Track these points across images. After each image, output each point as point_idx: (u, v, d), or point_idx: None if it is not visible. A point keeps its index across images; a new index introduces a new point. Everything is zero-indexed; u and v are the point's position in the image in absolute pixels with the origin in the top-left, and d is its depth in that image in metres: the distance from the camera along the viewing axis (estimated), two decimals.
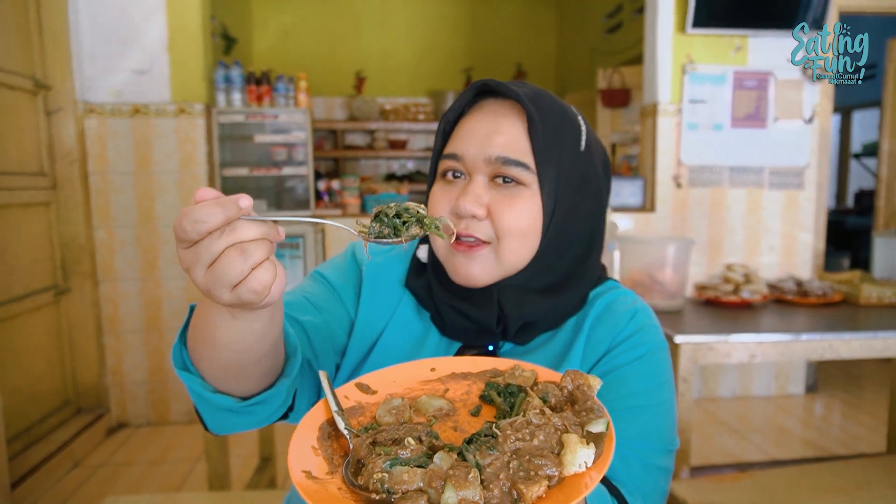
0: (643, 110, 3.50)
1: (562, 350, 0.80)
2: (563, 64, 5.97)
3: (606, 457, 0.47)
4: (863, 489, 1.60)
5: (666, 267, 2.17)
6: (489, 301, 0.77)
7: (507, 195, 0.75)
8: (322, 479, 0.49)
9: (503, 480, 0.45)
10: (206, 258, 0.49)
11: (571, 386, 0.57)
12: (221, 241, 0.49)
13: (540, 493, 0.45)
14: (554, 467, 0.46)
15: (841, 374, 3.94)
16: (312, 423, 0.58)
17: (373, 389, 0.64)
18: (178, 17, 2.99)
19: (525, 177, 0.75)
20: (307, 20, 5.70)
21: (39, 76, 2.78)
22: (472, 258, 0.76)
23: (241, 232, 0.49)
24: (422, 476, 0.46)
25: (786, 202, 3.44)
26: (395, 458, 0.49)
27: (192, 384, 0.64)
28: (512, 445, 0.49)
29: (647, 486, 0.74)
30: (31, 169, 2.74)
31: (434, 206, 0.79)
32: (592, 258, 0.83)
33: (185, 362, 0.65)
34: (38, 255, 2.75)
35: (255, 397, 0.66)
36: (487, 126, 0.77)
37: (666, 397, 0.78)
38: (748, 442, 2.93)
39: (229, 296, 0.50)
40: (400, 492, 0.45)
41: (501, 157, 0.75)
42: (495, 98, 0.80)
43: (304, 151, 3.34)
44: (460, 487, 0.44)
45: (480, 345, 0.80)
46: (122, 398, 3.14)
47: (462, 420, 0.59)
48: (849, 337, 1.86)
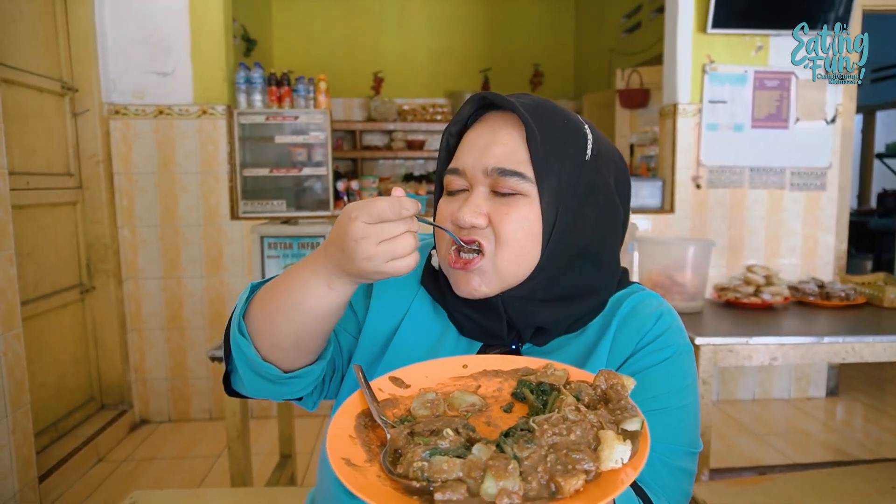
0: (662, 111, 3.49)
1: (586, 350, 0.80)
2: (582, 64, 5.94)
3: (642, 454, 0.48)
4: (887, 494, 1.59)
5: (686, 268, 2.17)
6: (496, 311, 0.78)
7: (506, 204, 0.76)
8: (361, 466, 0.50)
9: (541, 473, 0.46)
10: (386, 234, 0.63)
11: (605, 385, 0.57)
12: (404, 225, 0.64)
13: (578, 486, 0.45)
14: (591, 462, 0.47)
15: (863, 377, 3.89)
16: (349, 413, 0.59)
17: (406, 384, 0.65)
18: (201, 19, 3.04)
19: (523, 186, 0.75)
20: (326, 22, 5.74)
21: (66, 78, 2.83)
22: (470, 273, 0.76)
23: (415, 225, 0.65)
24: (461, 466, 0.47)
25: (807, 203, 3.40)
26: (434, 448, 0.50)
27: (248, 350, 0.75)
28: (549, 440, 0.49)
29: (671, 488, 0.75)
30: (59, 169, 2.80)
31: (440, 220, 0.81)
32: (608, 266, 0.82)
33: (243, 331, 0.76)
34: (64, 254, 2.81)
35: (296, 371, 0.77)
36: (486, 138, 0.78)
37: (690, 400, 0.79)
38: (768, 445, 2.90)
39: (384, 266, 0.64)
40: (440, 480, 0.46)
41: (498, 168, 0.75)
42: (496, 111, 0.80)
43: (323, 152, 3.37)
44: (500, 477, 0.44)
45: (502, 344, 0.81)
46: (145, 394, 3.19)
47: (495, 416, 0.60)
48: (872, 340, 1.84)
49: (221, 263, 3.16)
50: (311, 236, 2.09)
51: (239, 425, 1.85)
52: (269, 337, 0.74)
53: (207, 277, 3.16)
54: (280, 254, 2.10)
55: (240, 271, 3.16)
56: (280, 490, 1.63)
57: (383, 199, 0.63)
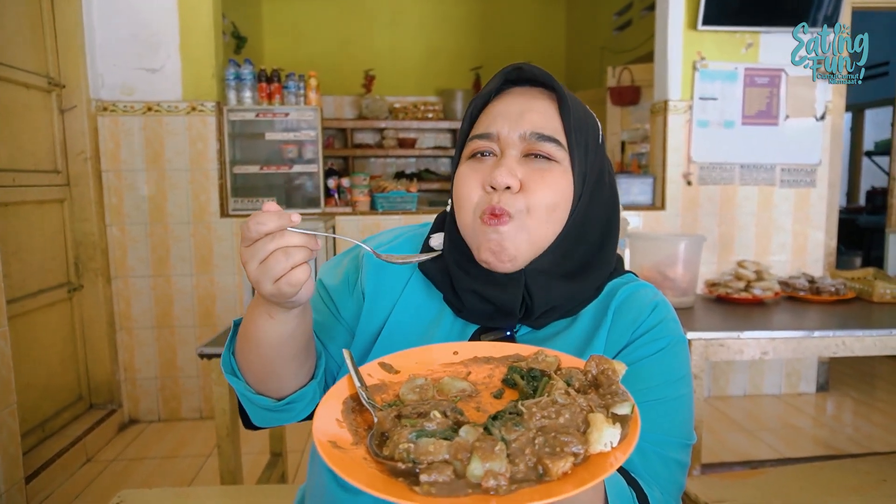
0: (653, 108, 3.49)
1: (584, 338, 0.80)
2: (573, 62, 5.95)
3: (632, 438, 0.48)
4: (877, 487, 1.59)
5: (677, 264, 2.17)
6: (516, 285, 0.77)
7: (540, 169, 0.76)
8: (347, 449, 0.50)
9: (529, 455, 0.46)
10: (259, 255, 0.61)
11: (596, 371, 0.57)
12: (272, 243, 0.60)
13: (566, 468, 0.45)
14: (580, 445, 0.46)
15: (853, 372, 3.91)
16: (336, 397, 0.58)
17: (395, 369, 0.65)
18: (190, 15, 3.01)
19: (558, 153, 0.77)
20: (317, 19, 5.72)
21: (53, 74, 2.80)
22: (502, 233, 0.75)
23: (288, 238, 0.61)
24: (447, 448, 0.46)
25: (797, 200, 3.42)
26: (420, 430, 0.49)
27: (238, 386, 0.79)
28: (537, 423, 0.49)
29: (664, 479, 0.74)
30: (46, 166, 2.76)
31: (463, 185, 0.79)
32: (608, 247, 0.84)
33: (234, 369, 0.79)
34: (52, 252, 2.78)
35: (288, 397, 0.79)
36: (519, 105, 0.79)
37: (684, 392, 0.78)
38: (759, 440, 2.91)
39: (271, 287, 0.62)
40: (426, 462, 0.45)
41: (536, 133, 0.76)
42: (521, 87, 0.82)
43: (314, 149, 3.35)
44: (487, 459, 0.44)
45: (497, 328, 0.80)
46: (134, 394, 3.16)
47: (485, 402, 0.59)
48: (862, 334, 1.85)
49: (211, 261, 3.13)
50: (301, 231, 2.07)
51: (229, 423, 1.83)
52: (250, 372, 0.77)
53: (197, 275, 3.13)
54: None
55: (230, 269, 3.14)
56: (270, 488, 1.62)
57: (253, 215, 0.61)
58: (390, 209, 3.36)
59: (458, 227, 0.81)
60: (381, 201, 3.39)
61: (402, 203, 3.39)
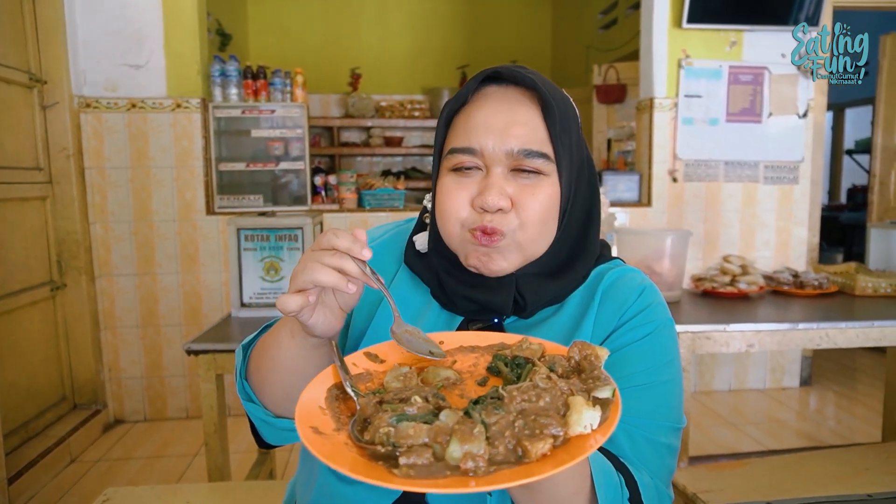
0: (639, 105, 3.52)
1: (571, 324, 0.80)
2: (559, 61, 5.98)
3: (612, 421, 0.48)
4: (860, 475, 1.62)
5: (664, 258, 2.19)
6: (507, 288, 0.77)
7: (530, 185, 0.75)
8: (328, 434, 0.50)
9: (508, 438, 0.46)
10: (311, 258, 0.63)
11: (578, 356, 0.57)
12: (328, 256, 0.62)
13: (545, 450, 0.45)
14: (559, 427, 0.46)
15: (836, 367, 3.97)
16: (320, 385, 0.58)
17: (381, 358, 0.65)
18: (174, 11, 2.98)
19: (546, 167, 0.75)
20: (302, 17, 5.69)
21: (34, 70, 2.76)
22: (494, 249, 0.75)
23: (342, 261, 0.62)
24: (427, 431, 0.46)
25: (780, 197, 3.46)
26: (401, 414, 0.49)
27: (256, 412, 0.79)
28: (518, 406, 0.49)
29: (655, 464, 0.74)
30: (27, 163, 2.72)
31: (449, 201, 0.76)
32: (592, 235, 0.83)
33: (249, 395, 0.80)
34: (34, 251, 2.74)
35: None
36: (503, 117, 0.74)
37: (673, 375, 0.78)
38: (744, 434, 2.95)
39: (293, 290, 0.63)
40: (405, 445, 0.46)
41: (524, 150, 0.73)
42: (499, 85, 0.78)
43: (300, 146, 3.34)
44: (465, 441, 0.44)
45: (484, 319, 0.81)
46: (119, 394, 3.13)
47: (469, 389, 0.60)
48: (845, 326, 1.88)
49: (198, 259, 3.11)
50: (289, 228, 2.06)
51: (216, 420, 1.82)
52: (268, 395, 0.78)
53: (183, 274, 3.10)
54: (257, 246, 2.07)
55: (216, 267, 3.11)
56: (259, 484, 1.61)
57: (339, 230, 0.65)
58: (378, 206, 3.36)
59: (442, 236, 0.79)
60: (368, 198, 3.38)
61: (389, 200, 3.39)
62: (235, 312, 2.10)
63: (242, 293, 2.10)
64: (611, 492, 0.64)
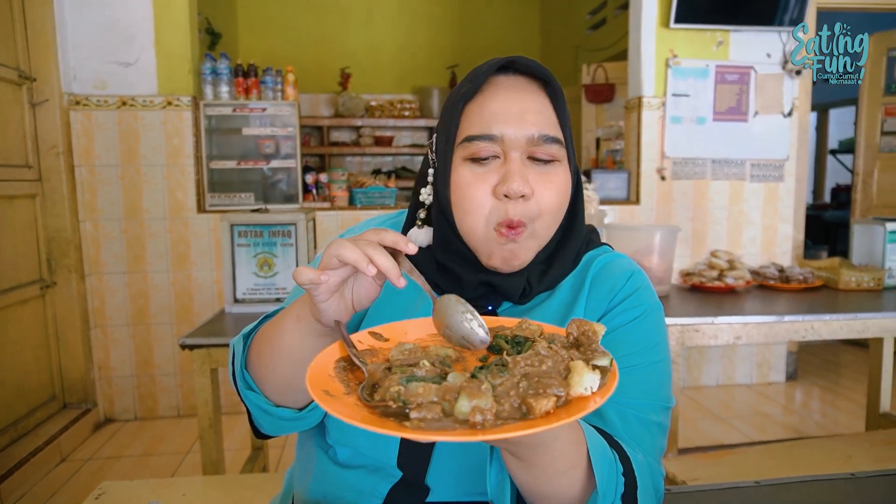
0: (628, 104, 3.56)
1: (563, 310, 0.82)
2: (548, 60, 6.02)
3: (610, 386, 0.50)
4: (842, 463, 1.66)
5: (653, 254, 2.22)
6: (520, 274, 0.79)
7: (546, 173, 0.76)
8: (339, 397, 0.51)
9: (513, 397, 0.48)
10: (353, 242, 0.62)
11: (577, 332, 0.59)
12: (369, 247, 0.62)
13: (548, 407, 0.47)
14: (561, 388, 0.49)
15: (820, 362, 4.04)
16: (327, 358, 0.59)
17: (385, 337, 0.66)
18: (165, 8, 2.98)
19: (559, 153, 0.77)
20: (292, 17, 5.69)
21: (24, 67, 2.75)
22: (518, 244, 0.76)
23: (374, 251, 0.62)
24: (436, 391, 0.48)
25: (766, 194, 3.52)
26: (411, 376, 0.51)
27: (257, 400, 0.79)
28: (521, 370, 0.51)
29: (646, 441, 0.77)
30: (16, 161, 2.71)
31: (472, 193, 0.76)
32: (578, 220, 0.85)
33: (250, 384, 0.79)
34: (23, 249, 2.72)
35: (311, 404, 0.80)
36: (518, 104, 0.76)
37: (661, 357, 0.81)
38: (731, 427, 2.99)
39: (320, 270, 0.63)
40: (415, 403, 0.47)
41: (542, 135, 0.75)
42: (507, 75, 0.79)
43: (291, 144, 3.35)
44: (474, 397, 0.46)
45: (480, 306, 0.82)
46: (110, 392, 3.11)
47: (471, 365, 0.61)
48: (829, 318, 1.92)
49: (189, 257, 3.10)
50: (283, 224, 2.07)
51: (211, 414, 1.82)
52: (272, 384, 0.77)
53: (174, 272, 3.10)
54: (251, 242, 2.07)
55: (207, 265, 3.11)
56: (254, 477, 1.62)
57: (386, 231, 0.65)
58: (369, 204, 3.37)
59: (462, 232, 0.79)
60: (359, 196, 3.39)
61: (380, 198, 3.40)
62: (229, 308, 2.11)
63: (236, 289, 2.10)
64: (606, 467, 0.67)
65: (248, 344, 0.82)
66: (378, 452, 0.80)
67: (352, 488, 0.81)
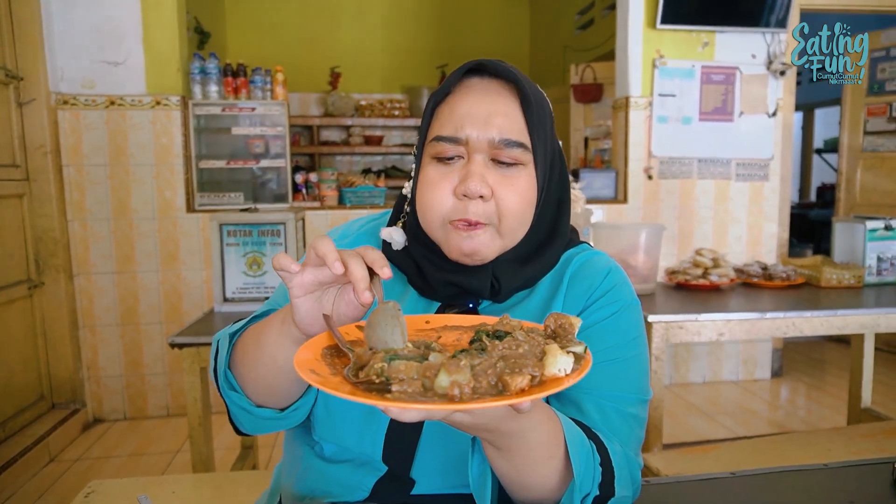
0: (615, 104, 3.59)
1: (542, 307, 0.84)
2: (537, 60, 6.05)
3: (584, 368, 0.53)
4: (823, 456, 1.69)
5: (638, 252, 2.25)
6: (484, 273, 0.81)
7: (508, 176, 0.78)
8: (326, 377, 0.54)
9: (490, 375, 0.51)
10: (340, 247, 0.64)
11: (554, 325, 0.62)
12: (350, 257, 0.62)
13: (523, 384, 0.50)
14: (536, 369, 0.52)
15: (805, 359, 4.09)
16: (314, 346, 0.61)
17: None
18: (153, 7, 2.98)
19: (524, 157, 0.79)
20: (281, 15, 5.68)
21: (10, 66, 2.74)
22: (473, 236, 0.78)
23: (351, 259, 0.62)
24: (418, 369, 0.51)
25: (752, 193, 3.56)
26: (394, 355, 0.54)
27: (239, 401, 0.80)
28: (499, 353, 0.54)
29: (624, 433, 0.79)
30: (4, 160, 2.70)
31: (432, 191, 0.79)
32: (563, 222, 0.88)
33: (232, 383, 0.80)
34: (11, 248, 2.71)
35: (293, 405, 0.81)
36: (485, 107, 0.78)
37: (639, 351, 0.83)
38: (717, 423, 3.03)
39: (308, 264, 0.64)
40: (397, 379, 0.50)
41: (504, 140, 0.77)
42: (481, 77, 0.81)
43: (281, 144, 3.35)
44: (453, 373, 0.49)
45: (460, 304, 0.84)
46: (98, 393, 3.11)
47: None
48: (811, 315, 1.96)
49: (178, 257, 3.10)
50: (272, 223, 2.08)
51: (201, 413, 1.83)
52: (254, 385, 0.78)
53: (163, 272, 3.10)
54: (240, 241, 2.08)
55: (197, 265, 3.11)
56: (244, 474, 1.63)
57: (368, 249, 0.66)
58: (358, 204, 3.38)
59: (424, 227, 0.82)
60: (349, 196, 3.40)
61: (370, 198, 3.41)
62: (218, 307, 2.12)
63: (225, 288, 2.11)
64: (583, 457, 0.69)
65: (234, 343, 0.83)
66: (364, 447, 0.82)
67: (338, 482, 0.83)
